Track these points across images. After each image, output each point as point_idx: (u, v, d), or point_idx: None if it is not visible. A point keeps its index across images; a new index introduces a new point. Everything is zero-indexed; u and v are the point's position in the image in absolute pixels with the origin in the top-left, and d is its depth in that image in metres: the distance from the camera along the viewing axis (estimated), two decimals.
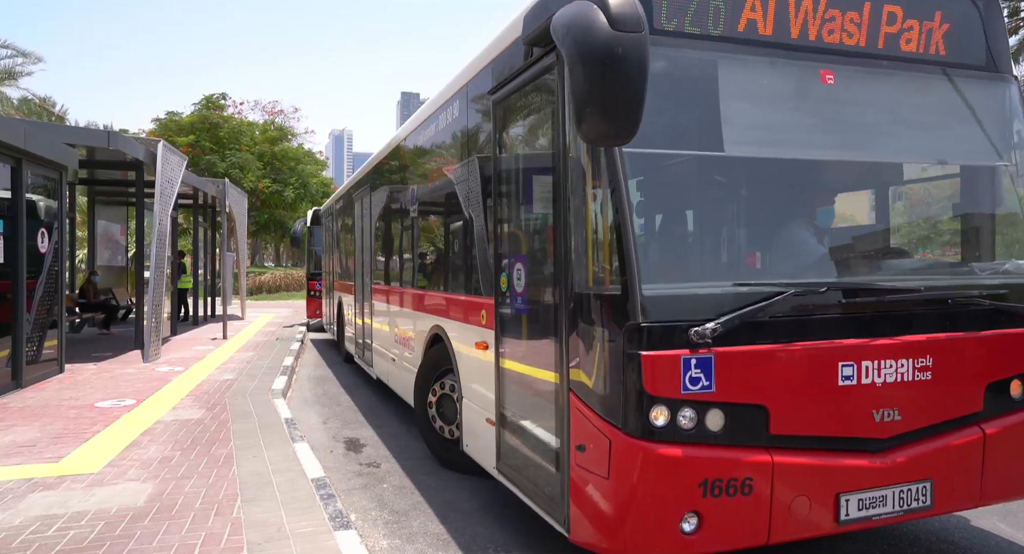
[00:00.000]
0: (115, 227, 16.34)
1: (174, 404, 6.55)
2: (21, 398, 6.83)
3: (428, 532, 3.77)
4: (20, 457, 4.74)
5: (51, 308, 8.03)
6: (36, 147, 7.26)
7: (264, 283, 30.59)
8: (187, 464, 4.58)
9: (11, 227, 7.02)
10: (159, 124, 31.83)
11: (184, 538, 3.34)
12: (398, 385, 6.47)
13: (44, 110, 28.82)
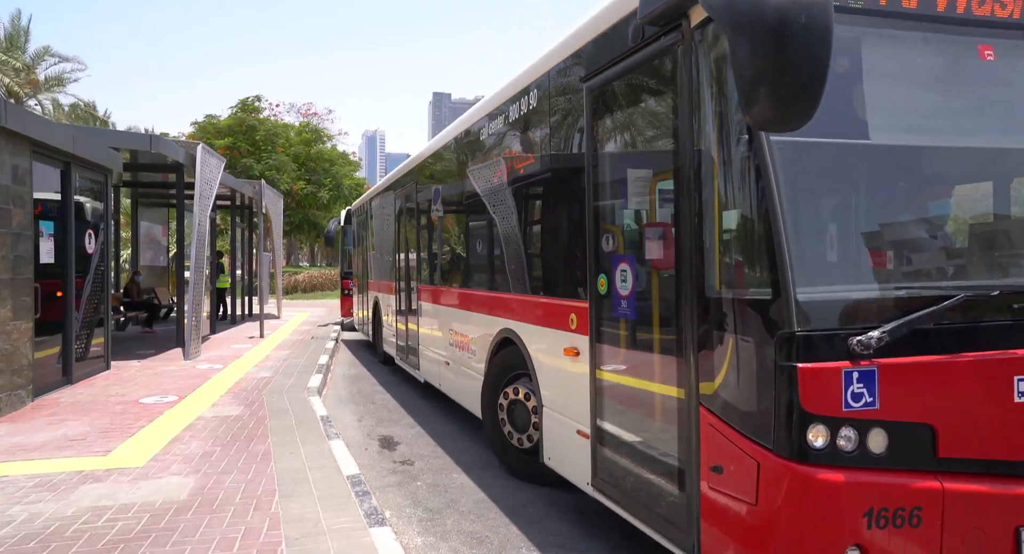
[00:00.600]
0: (157, 228, 16.82)
1: (214, 401, 6.71)
2: (71, 393, 7.08)
3: (462, 530, 3.79)
4: (71, 450, 4.92)
5: (98, 307, 8.30)
6: (83, 151, 7.51)
7: (299, 282, 31.15)
8: (227, 459, 4.69)
9: (60, 228, 7.28)
10: (198, 127, 32.61)
11: (225, 532, 3.42)
12: (454, 390, 6.19)
13: (90, 115, 29.82)
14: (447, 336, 6.30)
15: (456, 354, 6.01)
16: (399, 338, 8.59)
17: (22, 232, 6.35)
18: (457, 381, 6.03)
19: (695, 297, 2.65)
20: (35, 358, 6.66)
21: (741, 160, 2.48)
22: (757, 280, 2.43)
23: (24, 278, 6.40)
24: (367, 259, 11.64)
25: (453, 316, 6.12)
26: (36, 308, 6.65)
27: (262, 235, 14.99)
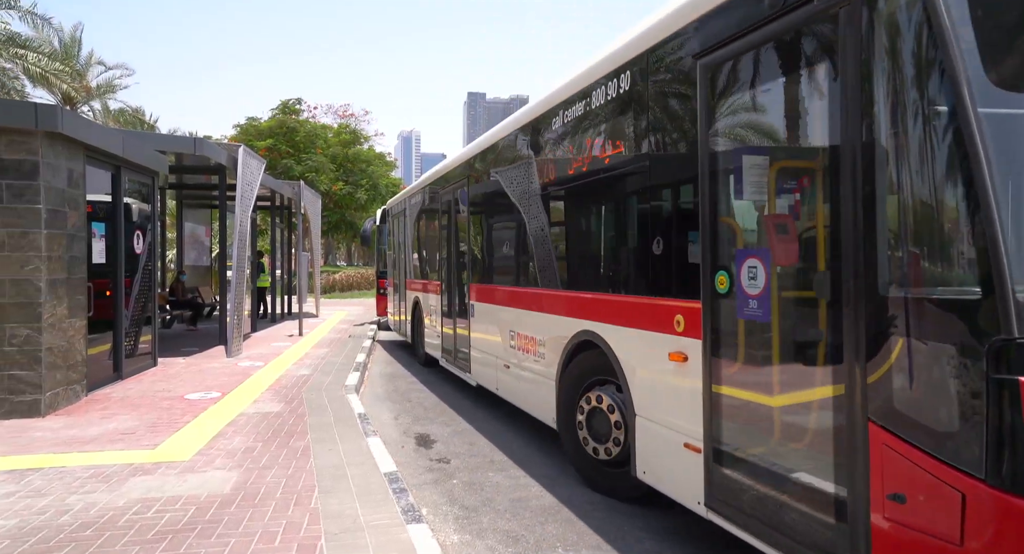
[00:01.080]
0: (200, 229, 17.30)
1: (255, 397, 6.88)
2: (122, 389, 7.33)
3: (498, 529, 3.81)
4: (122, 443, 5.10)
5: (145, 305, 8.58)
6: (132, 154, 7.77)
7: (337, 282, 31.68)
8: (268, 455, 4.80)
9: (111, 229, 7.55)
10: (240, 130, 33.44)
11: (267, 525, 3.50)
12: (515, 395, 5.89)
13: (137, 119, 30.81)
14: (506, 338, 6.02)
15: (518, 357, 5.74)
16: (445, 340, 8.31)
17: (76, 233, 6.60)
18: (519, 386, 5.76)
19: (863, 297, 2.32)
20: (88, 354, 6.92)
21: (934, 138, 2.14)
22: (958, 277, 2.09)
23: (78, 278, 6.66)
24: (405, 258, 11.26)
25: (514, 317, 5.82)
26: (89, 306, 6.91)
27: (301, 235, 15.28)
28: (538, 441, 5.72)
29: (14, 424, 5.73)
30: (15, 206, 5.93)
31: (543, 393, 5.15)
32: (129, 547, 3.23)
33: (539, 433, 5.99)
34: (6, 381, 5.91)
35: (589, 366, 4.43)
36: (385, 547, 3.24)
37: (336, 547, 3.24)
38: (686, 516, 3.82)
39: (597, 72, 4.37)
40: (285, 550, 3.20)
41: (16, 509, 3.73)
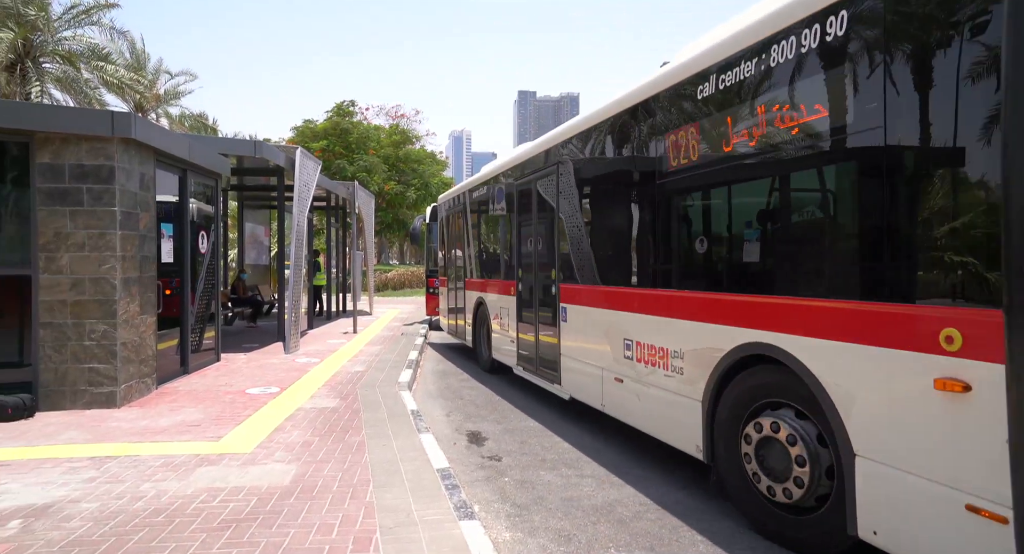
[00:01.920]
0: (260, 229, 17.91)
1: (312, 393, 7.08)
2: (188, 383, 7.67)
3: (550, 527, 3.82)
4: (189, 435, 5.34)
5: (209, 303, 8.95)
6: (198, 158, 8.11)
7: (389, 280, 32.26)
8: (325, 449, 4.94)
9: (178, 230, 7.90)
10: (296, 132, 34.46)
11: (324, 518, 3.61)
12: (633, 414, 5.03)
13: (201, 124, 32.12)
14: (618, 348, 5.22)
15: (637, 371, 4.91)
16: (523, 346, 7.56)
17: (147, 234, 6.94)
18: (640, 405, 4.90)
19: None
20: (158, 349, 7.27)
21: None
22: None
23: (149, 276, 7.00)
24: (466, 256, 10.40)
25: (632, 323, 5.00)
26: (158, 304, 7.25)
27: (355, 234, 15.61)
28: (589, 441, 5.70)
29: (94, 414, 6.08)
30: (94, 209, 6.28)
31: (679, 415, 4.34)
32: (197, 534, 3.38)
33: (589, 433, 5.97)
34: (86, 373, 6.27)
35: (759, 386, 3.68)
36: (438, 542, 3.30)
37: (391, 541, 3.31)
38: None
39: (792, 14, 3.48)
40: (342, 542, 3.29)
41: (97, 493, 3.96)
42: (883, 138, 2.93)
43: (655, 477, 4.71)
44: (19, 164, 6.31)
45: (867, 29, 3.05)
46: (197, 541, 3.29)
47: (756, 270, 3.79)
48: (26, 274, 6.23)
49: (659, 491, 4.42)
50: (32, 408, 6.02)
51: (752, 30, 3.80)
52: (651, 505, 4.16)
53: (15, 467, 4.49)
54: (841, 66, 3.18)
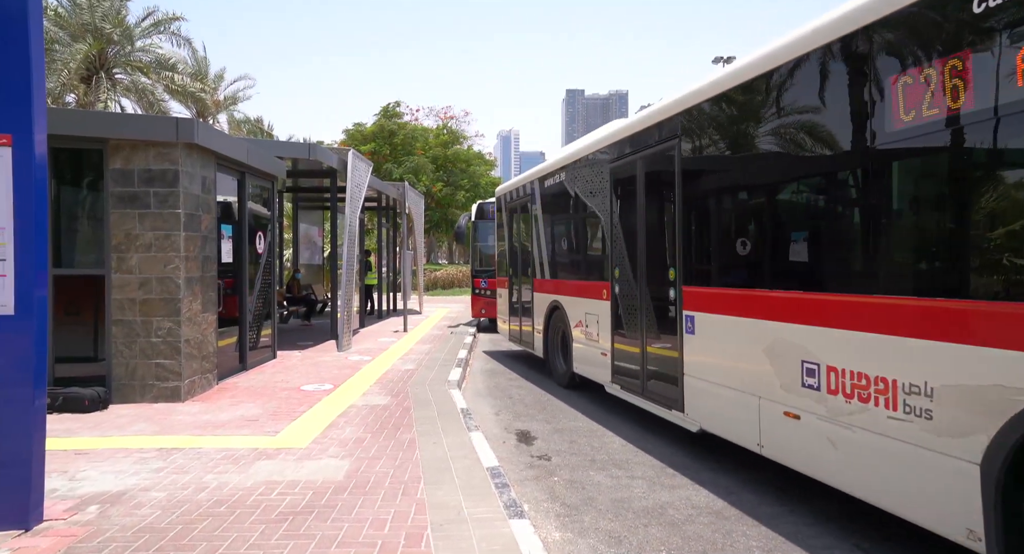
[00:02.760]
0: (313, 229, 18.40)
1: (364, 390, 7.23)
2: (246, 379, 7.94)
3: (600, 528, 3.79)
4: (248, 429, 5.52)
5: (266, 302, 9.24)
6: (255, 161, 8.38)
7: (438, 279, 32.64)
8: (377, 446, 5.03)
9: (237, 231, 8.18)
10: (347, 134, 35.23)
11: (376, 513, 3.68)
12: (826, 465, 3.69)
13: (257, 128, 33.19)
14: (791, 371, 3.92)
15: (834, 406, 3.59)
16: (621, 360, 6.35)
17: (208, 235, 7.21)
18: (842, 454, 3.55)
19: None
20: (218, 346, 7.55)
21: None
22: None
23: (211, 276, 7.27)
24: (536, 253, 9.03)
25: (827, 341, 3.65)
26: (219, 302, 7.53)
27: (405, 234, 15.87)
28: (639, 442, 5.63)
29: (160, 407, 6.36)
30: (160, 211, 6.57)
31: (925, 478, 3.04)
32: (256, 525, 3.49)
33: (639, 434, 5.90)
34: (153, 369, 6.57)
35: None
36: (488, 540, 3.31)
37: (442, 538, 3.35)
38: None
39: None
40: (394, 537, 3.34)
41: (164, 483, 4.14)
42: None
43: (707, 480, 4.62)
44: (94, 170, 6.66)
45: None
46: (256, 532, 3.40)
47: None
48: (100, 274, 6.57)
49: (711, 494, 4.33)
50: (106, 401, 6.34)
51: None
52: (703, 508, 4.09)
53: (92, 455, 4.75)
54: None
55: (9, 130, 3.44)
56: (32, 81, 3.45)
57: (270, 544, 3.27)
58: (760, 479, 4.56)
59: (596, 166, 6.92)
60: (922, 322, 3.08)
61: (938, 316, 3.01)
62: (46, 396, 3.73)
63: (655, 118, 5.63)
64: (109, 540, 3.30)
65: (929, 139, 3.12)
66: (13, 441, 3.46)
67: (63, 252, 6.88)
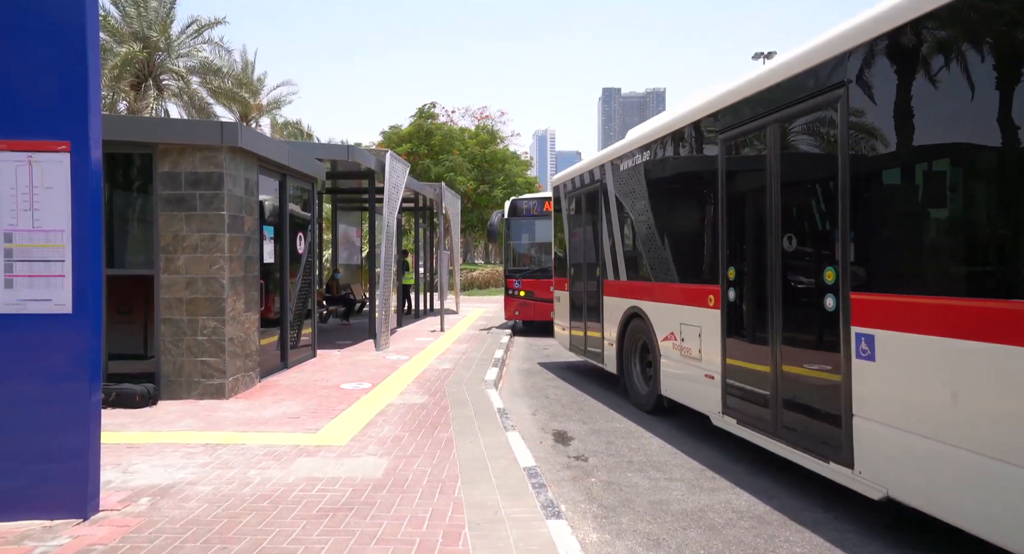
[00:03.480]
0: (352, 230, 18.69)
1: (401, 389, 7.31)
2: (287, 377, 8.12)
3: (638, 530, 3.76)
4: (289, 426, 5.65)
5: (306, 301, 9.42)
6: (296, 163, 8.55)
7: (475, 279, 32.82)
8: (414, 444, 5.09)
9: (278, 232, 8.37)
10: (384, 136, 35.71)
11: (414, 511, 3.72)
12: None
13: (298, 131, 33.88)
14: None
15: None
16: (744, 385, 4.87)
17: (251, 236, 7.39)
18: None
19: None
20: (260, 345, 7.73)
21: None
22: None
23: (253, 276, 7.45)
24: (605, 249, 7.72)
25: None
26: (261, 302, 7.71)
27: (442, 234, 16.00)
28: (677, 443, 5.56)
29: (206, 403, 6.55)
30: (206, 213, 6.76)
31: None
32: (298, 521, 3.57)
33: (677, 436, 5.83)
34: (199, 366, 6.76)
35: None
36: (526, 540, 3.32)
37: (479, 536, 3.36)
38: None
39: None
40: (432, 535, 3.38)
41: (210, 478, 4.27)
42: None
43: (748, 483, 4.54)
44: (144, 173, 6.90)
45: None
46: (298, 527, 3.48)
47: None
48: (149, 274, 6.80)
49: (753, 498, 4.25)
50: (155, 397, 6.56)
51: None
52: (744, 512, 4.02)
53: (143, 449, 4.92)
54: None
55: (67, 137, 3.59)
56: (88, 91, 3.59)
57: (311, 539, 3.33)
58: (804, 484, 4.46)
59: (698, 139, 5.66)
60: None
61: None
62: (101, 391, 3.87)
63: (804, 64, 4.20)
64: (160, 531, 3.42)
65: None
66: (72, 434, 3.61)
67: (115, 253, 7.14)
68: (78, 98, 3.59)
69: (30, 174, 3.59)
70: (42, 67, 3.57)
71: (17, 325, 3.60)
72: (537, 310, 13.51)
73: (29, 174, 3.59)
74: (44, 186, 3.60)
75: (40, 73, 3.58)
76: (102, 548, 3.23)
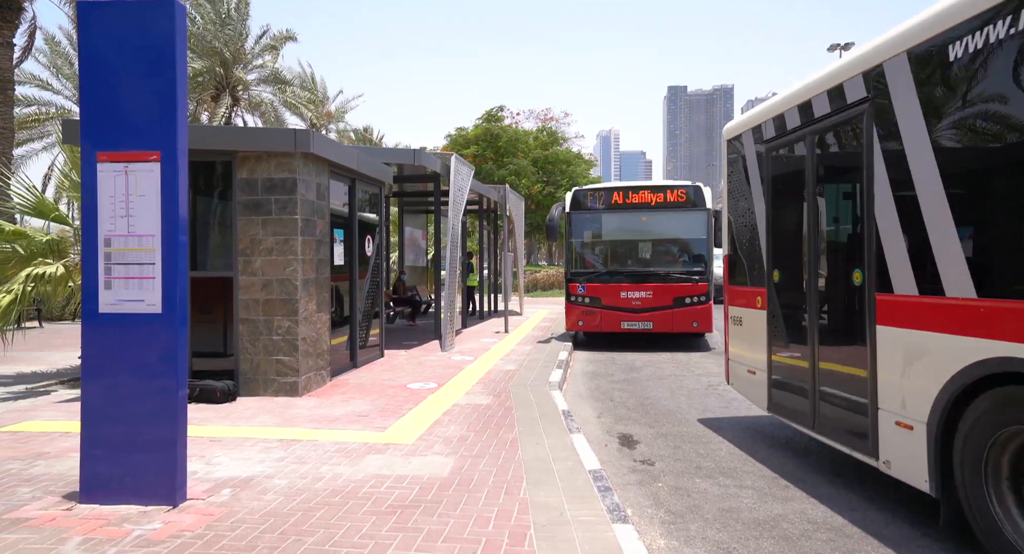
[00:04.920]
0: (418, 232, 19.06)
1: (467, 389, 7.40)
2: (356, 376, 8.36)
3: (707, 538, 3.67)
4: (358, 424, 5.81)
5: (374, 302, 9.68)
6: (365, 168, 8.80)
7: (538, 280, 32.84)
8: (480, 444, 5.13)
9: (348, 235, 8.63)
10: (450, 140, 36.25)
11: (480, 511, 3.75)
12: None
13: (366, 138, 34.87)
14: None
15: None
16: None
17: (323, 239, 7.66)
18: None
19: None
20: (331, 344, 7.99)
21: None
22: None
23: (324, 277, 7.72)
24: (897, 235, 3.80)
25: None
26: (332, 303, 7.97)
27: (506, 236, 16.09)
28: (747, 450, 5.40)
29: (280, 400, 6.82)
30: (281, 217, 7.05)
31: None
32: (368, 516, 3.67)
33: (748, 442, 5.65)
34: (274, 365, 7.06)
35: None
36: (592, 543, 3.30)
37: (545, 538, 3.36)
38: None
39: None
40: (498, 535, 3.40)
41: (286, 472, 4.45)
42: None
43: (825, 494, 4.35)
44: (224, 180, 7.26)
45: None
46: (368, 523, 3.57)
47: None
48: (228, 276, 7.15)
49: (830, 509, 4.08)
50: (235, 393, 6.89)
51: None
52: (821, 523, 3.85)
53: (224, 443, 5.18)
54: None
55: (158, 148, 3.83)
56: (177, 104, 3.83)
57: (381, 534, 3.42)
58: (887, 497, 4.25)
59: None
60: None
61: None
62: (187, 387, 4.10)
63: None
64: (240, 522, 3.59)
65: None
66: (162, 426, 3.84)
67: (197, 255, 7.54)
68: (168, 111, 3.83)
69: (126, 183, 3.85)
70: (139, 86, 3.85)
71: (115, 324, 3.87)
72: (605, 320, 11.57)
73: (125, 183, 3.85)
74: (138, 194, 3.85)
75: (137, 92, 3.85)
76: (190, 534, 3.42)
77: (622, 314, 11.49)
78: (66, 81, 25.52)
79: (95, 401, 3.89)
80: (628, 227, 12.25)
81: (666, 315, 11.34)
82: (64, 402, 6.89)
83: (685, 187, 11.74)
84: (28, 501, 3.92)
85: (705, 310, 11.34)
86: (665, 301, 11.35)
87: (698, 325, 11.32)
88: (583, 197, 12.11)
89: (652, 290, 11.39)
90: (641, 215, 11.92)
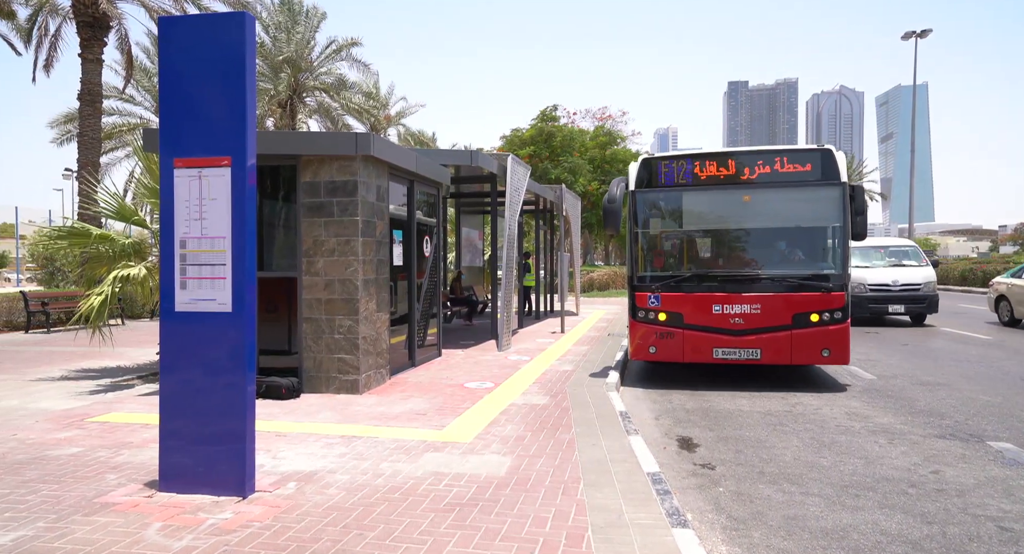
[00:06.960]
0: (474, 233, 19.23)
1: (523, 389, 7.41)
2: (414, 375, 8.50)
3: (772, 546, 3.56)
4: (417, 422, 5.91)
5: (432, 302, 9.81)
6: (423, 170, 8.94)
7: (595, 280, 32.57)
8: (536, 444, 5.13)
9: (406, 236, 8.78)
10: (505, 140, 36.41)
11: (537, 511, 3.75)
12: None
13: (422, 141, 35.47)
14: None
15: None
16: None
17: (382, 240, 7.82)
18: None
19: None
20: (390, 343, 8.15)
21: None
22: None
23: (384, 277, 7.88)
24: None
25: None
26: (391, 302, 8.13)
27: (562, 236, 16.03)
28: (812, 456, 5.20)
29: (342, 398, 7.01)
30: (342, 219, 7.25)
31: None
32: (427, 513, 3.72)
33: (813, 449, 5.44)
34: (336, 363, 7.26)
35: None
36: (651, 548, 3.25)
37: (602, 540, 3.33)
38: None
39: None
40: (555, 536, 3.39)
41: (347, 467, 4.56)
42: None
43: (899, 504, 4.14)
44: (288, 183, 7.52)
45: None
46: (427, 519, 3.63)
47: None
48: (293, 276, 7.39)
49: (904, 521, 3.88)
50: (299, 390, 7.12)
51: None
52: (895, 536, 3.67)
53: (289, 438, 5.36)
54: None
55: (229, 153, 4.00)
56: (247, 112, 3.99)
57: (439, 531, 3.46)
58: (967, 511, 4.01)
59: None
60: None
61: None
62: (255, 382, 4.27)
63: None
64: (305, 514, 3.70)
65: None
66: (233, 420, 4.01)
67: (263, 256, 7.82)
68: (238, 118, 3.99)
69: (200, 187, 4.04)
70: (212, 94, 4.03)
71: (189, 322, 4.07)
72: (689, 345, 8.02)
73: (199, 187, 4.04)
74: (210, 197, 4.03)
75: (211, 100, 4.04)
76: (259, 525, 3.56)
77: (715, 337, 7.87)
78: (145, 93, 27.03)
79: (172, 395, 4.11)
80: (723, 211, 8.32)
81: (782, 339, 7.71)
82: (145, 395, 7.29)
83: (809, 152, 7.90)
84: (114, 487, 4.16)
85: (840, 332, 7.64)
86: (780, 319, 7.72)
87: (830, 354, 7.65)
88: (655, 169, 8.30)
89: (760, 303, 7.75)
90: (742, 193, 8.07)
